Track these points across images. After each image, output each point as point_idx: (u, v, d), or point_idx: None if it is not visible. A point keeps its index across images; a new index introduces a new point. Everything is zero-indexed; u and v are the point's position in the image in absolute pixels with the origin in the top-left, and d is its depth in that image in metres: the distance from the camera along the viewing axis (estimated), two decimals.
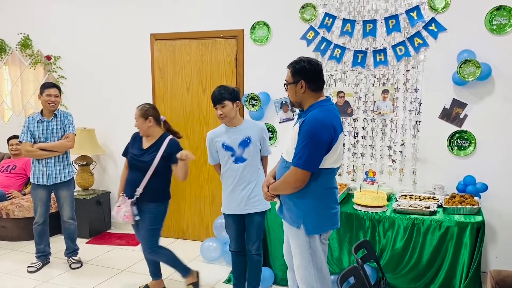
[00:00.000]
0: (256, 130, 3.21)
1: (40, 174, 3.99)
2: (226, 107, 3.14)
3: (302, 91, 2.52)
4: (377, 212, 3.41)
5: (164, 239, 4.90)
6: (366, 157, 4.13)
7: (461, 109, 3.80)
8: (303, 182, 2.45)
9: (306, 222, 2.53)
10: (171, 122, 4.81)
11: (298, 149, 2.42)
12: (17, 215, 4.76)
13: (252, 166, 3.20)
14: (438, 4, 3.78)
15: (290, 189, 2.52)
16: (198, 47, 4.65)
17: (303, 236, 2.55)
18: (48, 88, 3.97)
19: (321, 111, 2.47)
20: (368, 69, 4.04)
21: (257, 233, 3.26)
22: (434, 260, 3.27)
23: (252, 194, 3.19)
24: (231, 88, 3.21)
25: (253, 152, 3.19)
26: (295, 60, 2.57)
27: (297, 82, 2.52)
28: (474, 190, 3.61)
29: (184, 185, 4.87)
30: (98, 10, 5.08)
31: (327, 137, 2.41)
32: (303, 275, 2.62)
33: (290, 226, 2.62)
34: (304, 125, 2.42)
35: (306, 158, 2.39)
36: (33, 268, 4.05)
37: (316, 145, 2.39)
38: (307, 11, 4.19)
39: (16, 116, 5.68)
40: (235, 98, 3.18)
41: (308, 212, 2.53)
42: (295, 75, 2.53)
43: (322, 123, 2.42)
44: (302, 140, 2.41)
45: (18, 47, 5.46)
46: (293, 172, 2.45)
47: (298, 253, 2.61)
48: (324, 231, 2.58)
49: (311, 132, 2.39)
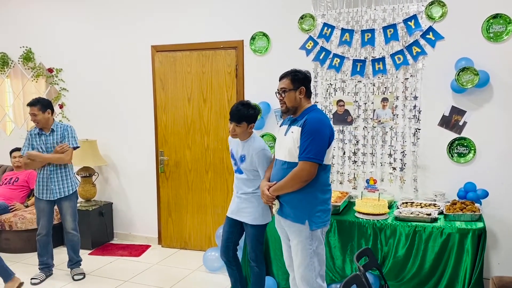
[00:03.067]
0: (251, 151, 3.18)
1: (44, 189, 4.02)
2: (240, 128, 3.16)
3: (301, 96, 2.81)
4: (378, 220, 3.42)
5: (166, 249, 4.94)
6: (366, 165, 4.15)
7: (460, 116, 3.83)
8: (312, 174, 2.67)
9: (311, 217, 2.72)
10: (172, 132, 4.89)
11: (306, 145, 2.65)
12: (20, 227, 4.77)
13: (248, 181, 3.25)
14: (435, 13, 3.82)
15: (299, 184, 2.69)
16: (198, 58, 4.70)
17: (307, 231, 2.72)
18: (28, 106, 3.95)
19: (317, 113, 2.79)
20: (367, 78, 4.08)
21: (251, 244, 3.30)
22: (436, 267, 3.27)
23: (243, 205, 3.27)
24: (251, 109, 3.16)
25: (247, 169, 3.22)
26: (290, 71, 2.86)
27: (297, 88, 2.80)
28: (474, 197, 3.62)
29: (185, 195, 4.89)
30: (99, 22, 5.14)
31: (328, 133, 2.70)
32: (303, 273, 2.75)
33: (293, 224, 2.76)
34: (307, 124, 2.68)
35: (315, 151, 2.64)
36: (37, 280, 4.05)
37: (322, 140, 2.66)
38: (305, 22, 4.23)
39: (18, 128, 5.72)
40: (253, 120, 3.19)
41: (312, 207, 2.72)
42: (295, 82, 2.80)
43: (323, 121, 2.73)
44: (308, 137, 2.65)
45: (20, 60, 5.52)
46: (303, 166, 2.66)
47: (299, 250, 2.75)
48: (325, 225, 2.79)
49: (316, 129, 2.66)
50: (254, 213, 3.23)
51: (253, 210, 3.23)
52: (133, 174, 5.18)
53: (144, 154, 5.07)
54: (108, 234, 5.21)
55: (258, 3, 4.42)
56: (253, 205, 3.23)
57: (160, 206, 5.05)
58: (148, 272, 4.33)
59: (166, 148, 4.92)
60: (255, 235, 3.28)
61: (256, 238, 3.29)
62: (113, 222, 5.31)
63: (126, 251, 4.91)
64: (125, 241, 5.24)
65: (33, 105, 3.93)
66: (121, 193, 5.28)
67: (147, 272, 4.33)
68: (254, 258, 3.32)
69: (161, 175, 4.97)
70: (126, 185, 5.24)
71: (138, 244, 5.10)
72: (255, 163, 3.16)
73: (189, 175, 4.86)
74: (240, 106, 3.16)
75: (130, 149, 5.16)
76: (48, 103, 4.02)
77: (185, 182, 4.88)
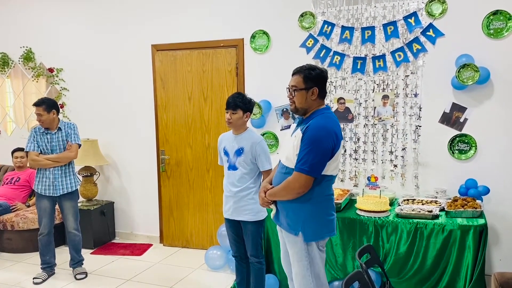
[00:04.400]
0: (250, 143, 3.22)
1: (46, 185, 4.02)
2: (236, 115, 3.21)
3: (313, 98, 2.53)
4: (380, 217, 3.43)
5: (168, 248, 4.95)
6: (368, 163, 4.16)
7: (461, 113, 3.83)
8: (306, 187, 2.47)
9: (305, 228, 2.54)
10: (173, 131, 4.89)
11: (302, 155, 2.43)
12: (21, 227, 4.78)
13: (243, 177, 3.23)
14: (435, 10, 3.82)
15: (292, 195, 2.52)
16: (199, 57, 4.71)
17: (301, 243, 2.56)
18: (34, 106, 3.99)
19: (324, 118, 2.50)
20: (368, 75, 4.08)
21: (252, 241, 3.28)
22: (438, 264, 3.28)
23: (241, 203, 3.24)
24: (247, 98, 3.27)
25: (244, 163, 3.22)
26: (305, 67, 2.57)
27: (309, 89, 2.52)
28: (476, 193, 3.62)
29: (187, 194, 4.90)
30: (99, 22, 5.14)
31: (330, 143, 2.43)
32: (300, 283, 2.62)
33: (287, 234, 2.62)
34: (308, 131, 2.44)
35: (310, 164, 2.41)
36: (39, 279, 4.07)
37: (320, 151, 2.41)
38: (306, 19, 4.23)
39: (19, 128, 5.72)
40: (248, 109, 3.25)
41: (307, 218, 2.54)
42: (308, 81, 2.52)
43: (326, 130, 2.44)
44: (306, 146, 2.42)
45: (20, 60, 5.52)
46: (297, 178, 2.46)
47: (296, 261, 2.61)
48: (321, 238, 2.59)
49: (316, 138, 2.41)
50: (254, 209, 3.22)
51: (253, 207, 3.22)
52: (134, 173, 5.19)
53: (145, 153, 5.07)
54: (109, 233, 5.22)
55: (258, 2, 4.42)
56: (252, 201, 3.22)
57: (162, 205, 5.05)
58: (150, 271, 4.34)
59: (167, 147, 4.92)
60: (256, 231, 3.28)
61: (257, 234, 3.29)
62: (114, 222, 5.31)
63: (128, 250, 4.92)
64: (127, 240, 5.25)
65: (39, 105, 3.97)
66: (122, 193, 5.28)
67: (149, 271, 4.34)
68: (255, 254, 3.31)
69: (162, 174, 4.98)
70: (127, 184, 5.25)
71: (140, 243, 5.11)
72: (255, 154, 3.20)
73: (190, 173, 4.86)
74: (236, 95, 3.27)
75: (131, 148, 5.16)
76: (53, 103, 4.06)
77: (186, 180, 4.89)
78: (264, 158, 3.22)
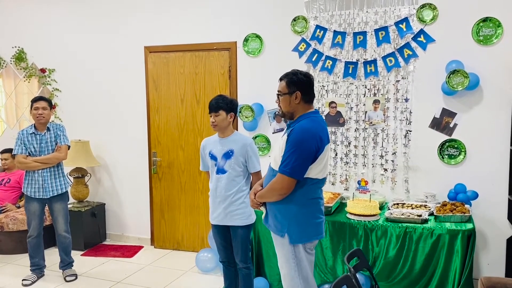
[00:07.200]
0: (240, 145, 3.22)
1: (35, 187, 3.99)
2: (219, 116, 3.21)
3: (296, 102, 2.58)
4: (369, 220, 3.45)
5: (159, 250, 4.94)
6: (358, 166, 4.18)
7: (450, 118, 3.87)
8: (288, 189, 2.50)
9: (290, 231, 2.56)
10: (165, 133, 4.89)
11: (285, 157, 2.48)
12: (11, 228, 4.75)
13: (233, 180, 3.21)
14: (426, 16, 3.86)
15: (276, 196, 2.56)
16: (191, 59, 4.71)
17: (288, 245, 2.58)
18: (36, 101, 4.00)
19: (309, 121, 2.54)
20: (359, 80, 4.11)
21: (241, 246, 3.26)
22: (426, 268, 3.31)
23: (232, 208, 3.21)
24: (229, 99, 3.27)
25: (234, 166, 3.21)
26: (290, 72, 2.64)
27: (292, 93, 2.58)
28: (464, 198, 3.66)
29: (178, 196, 4.90)
30: (92, 23, 5.13)
31: (313, 146, 2.46)
32: (289, 285, 2.63)
33: (275, 236, 2.65)
34: (292, 134, 2.49)
35: (292, 166, 2.45)
36: (28, 281, 4.04)
37: (303, 154, 2.45)
38: (298, 24, 4.26)
39: (10, 129, 5.69)
40: (231, 109, 3.24)
41: (292, 220, 2.56)
42: (291, 86, 2.58)
43: (309, 132, 2.48)
44: (289, 148, 2.47)
45: (12, 60, 5.49)
46: (280, 179, 2.50)
47: (284, 263, 2.64)
48: (308, 240, 2.60)
49: (299, 140, 2.46)
50: (245, 213, 3.22)
51: (244, 210, 3.21)
52: (125, 175, 5.17)
53: (137, 155, 5.07)
54: (100, 235, 5.20)
55: (251, 5, 4.44)
56: (243, 205, 3.21)
57: (153, 207, 5.05)
58: (141, 273, 4.33)
59: (159, 149, 4.92)
60: (246, 236, 3.27)
61: (247, 238, 3.28)
62: (105, 223, 5.29)
63: (118, 252, 4.90)
64: (118, 242, 5.23)
65: (45, 99, 4.02)
66: (113, 194, 5.27)
67: (140, 273, 4.34)
68: (244, 259, 3.28)
69: (154, 176, 4.97)
70: (118, 186, 5.24)
71: (131, 245, 5.10)
72: (246, 155, 3.21)
73: (182, 176, 4.86)
74: (217, 97, 3.28)
75: (123, 150, 5.15)
76: (50, 101, 4.15)
77: (178, 183, 4.88)
78: (255, 159, 3.25)
